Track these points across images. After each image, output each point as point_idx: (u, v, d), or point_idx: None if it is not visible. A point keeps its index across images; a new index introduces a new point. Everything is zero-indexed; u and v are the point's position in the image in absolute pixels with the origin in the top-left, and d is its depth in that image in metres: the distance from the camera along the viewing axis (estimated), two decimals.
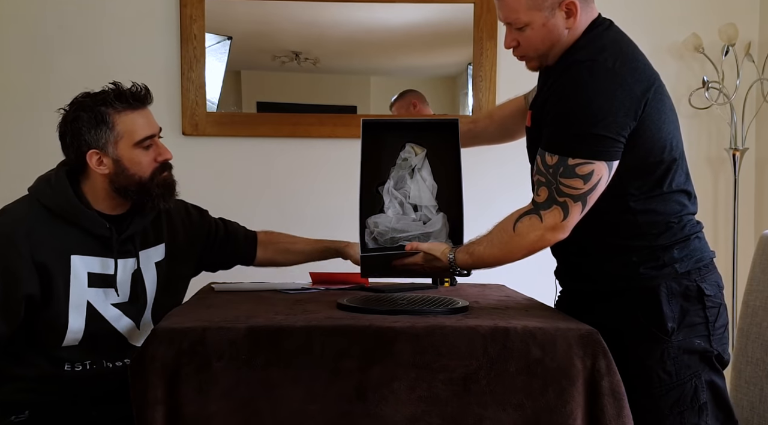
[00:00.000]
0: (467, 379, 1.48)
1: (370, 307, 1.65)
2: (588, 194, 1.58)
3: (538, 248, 1.64)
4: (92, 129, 1.74)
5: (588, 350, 1.49)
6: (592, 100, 1.56)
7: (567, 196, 1.58)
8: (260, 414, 1.46)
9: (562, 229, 1.60)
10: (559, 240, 1.63)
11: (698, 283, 1.64)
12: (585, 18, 1.65)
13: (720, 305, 1.66)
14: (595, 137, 1.55)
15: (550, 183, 1.60)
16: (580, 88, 1.57)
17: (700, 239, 1.69)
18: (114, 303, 1.82)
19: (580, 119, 1.56)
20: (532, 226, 1.62)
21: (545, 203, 1.61)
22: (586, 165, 1.56)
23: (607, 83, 1.56)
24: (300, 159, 2.96)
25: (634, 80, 1.58)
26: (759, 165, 3.11)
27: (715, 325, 1.64)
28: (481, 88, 2.95)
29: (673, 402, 1.61)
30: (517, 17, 1.64)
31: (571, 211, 1.59)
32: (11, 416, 1.75)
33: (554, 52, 1.67)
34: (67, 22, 2.87)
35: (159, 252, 1.92)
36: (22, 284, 1.69)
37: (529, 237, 1.62)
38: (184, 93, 2.88)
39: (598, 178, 1.57)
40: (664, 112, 1.63)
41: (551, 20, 1.62)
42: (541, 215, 1.61)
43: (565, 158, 1.57)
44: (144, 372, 1.46)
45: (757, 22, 3.08)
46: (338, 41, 2.94)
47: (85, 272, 1.77)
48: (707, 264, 1.67)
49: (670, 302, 1.62)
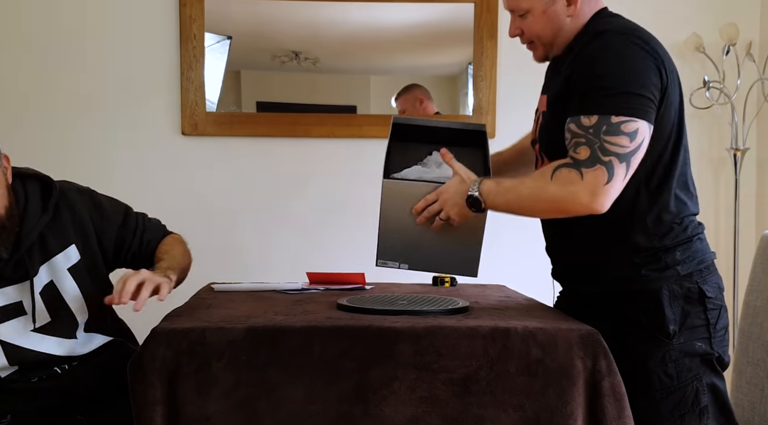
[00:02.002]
0: (467, 380, 1.48)
1: (370, 307, 1.65)
2: (633, 155, 1.50)
3: (567, 207, 1.53)
4: None
5: (589, 350, 1.49)
6: (627, 62, 1.53)
7: (612, 155, 1.48)
8: (260, 415, 1.46)
9: (603, 195, 1.49)
10: (594, 211, 1.51)
11: (699, 285, 1.63)
12: (588, 7, 1.66)
13: (721, 307, 1.66)
14: (636, 95, 1.51)
15: (592, 142, 1.50)
16: (613, 51, 1.56)
17: (701, 240, 1.68)
18: (35, 329, 1.71)
19: (619, 79, 1.52)
20: (570, 180, 1.51)
21: (587, 161, 1.50)
22: (631, 123, 1.49)
23: (637, 49, 1.56)
24: (300, 159, 2.96)
25: (657, 49, 1.59)
26: (760, 165, 3.10)
27: (716, 327, 1.64)
28: (481, 88, 2.95)
29: (674, 405, 1.60)
30: (518, 4, 1.66)
31: (617, 172, 1.49)
32: None
33: (559, 40, 1.67)
34: (67, 22, 2.86)
35: (69, 256, 1.76)
36: None
37: (564, 190, 1.51)
38: (184, 93, 2.88)
39: (642, 138, 1.50)
40: (675, 90, 1.61)
41: (552, 7, 1.64)
42: (582, 172, 1.50)
43: (607, 116, 1.49)
44: (143, 372, 1.46)
45: (757, 21, 3.08)
46: (338, 41, 2.94)
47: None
48: (708, 266, 1.66)
49: (671, 304, 1.61)
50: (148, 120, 2.91)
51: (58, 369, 1.75)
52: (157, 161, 2.92)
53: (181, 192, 2.91)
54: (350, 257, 2.88)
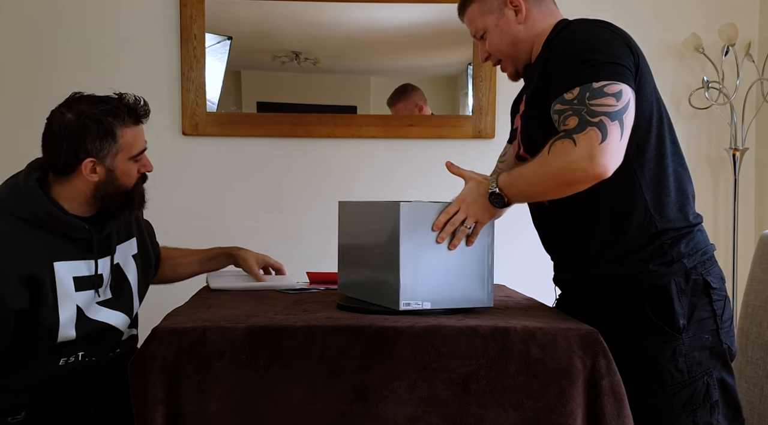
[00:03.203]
0: (467, 379, 1.48)
1: (370, 307, 1.65)
2: (623, 113, 1.48)
3: (573, 179, 1.50)
4: (97, 140, 1.76)
5: (588, 350, 1.49)
6: (598, 38, 1.58)
7: (601, 114, 1.47)
8: (260, 414, 1.46)
9: (601, 155, 1.45)
10: (597, 176, 1.48)
11: (704, 276, 1.63)
12: (541, 15, 1.72)
13: (725, 298, 1.66)
14: (612, 64, 1.53)
15: (578, 110, 1.49)
16: (582, 33, 1.61)
17: (702, 231, 1.68)
18: (100, 301, 1.83)
19: (593, 52, 1.54)
20: (564, 149, 1.49)
21: (577, 127, 1.48)
22: (613, 85, 1.50)
23: (605, 30, 1.61)
24: (300, 159, 2.96)
25: (625, 34, 1.63)
26: (759, 165, 3.11)
27: (723, 318, 1.63)
28: (481, 88, 2.95)
29: (685, 400, 1.60)
30: (476, 26, 1.78)
31: (610, 130, 1.46)
32: (8, 417, 1.74)
33: (521, 51, 1.74)
34: (67, 22, 2.87)
35: (132, 246, 1.96)
36: (8, 302, 1.67)
37: (561, 161, 1.49)
38: (184, 93, 2.88)
39: (628, 98, 1.50)
40: (647, 73, 1.63)
41: (502, 19, 1.73)
42: (574, 139, 1.48)
43: (587, 85, 1.50)
44: (144, 372, 1.46)
45: (757, 22, 3.08)
46: (338, 41, 2.94)
47: (71, 277, 1.76)
48: (710, 257, 1.66)
49: (680, 298, 1.60)
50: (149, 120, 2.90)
51: (97, 355, 1.83)
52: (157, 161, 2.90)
53: (182, 192, 2.92)
54: None
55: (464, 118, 2.98)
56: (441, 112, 3.02)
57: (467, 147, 2.98)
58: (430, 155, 2.98)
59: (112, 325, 1.85)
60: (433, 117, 2.99)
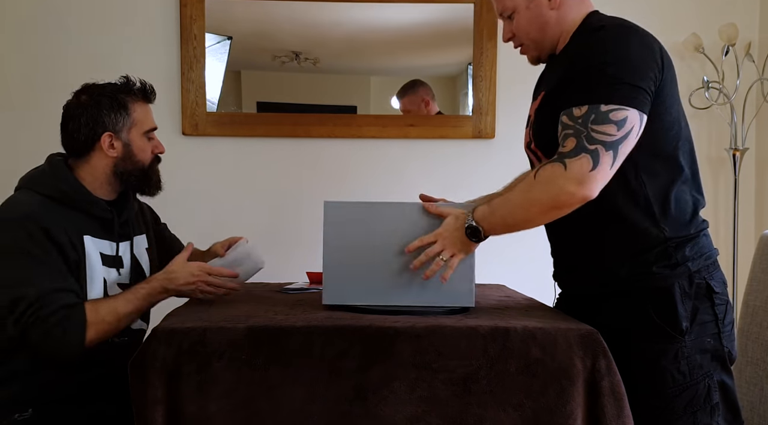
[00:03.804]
0: (467, 379, 1.48)
1: (370, 307, 1.65)
2: (620, 143, 1.50)
3: (559, 202, 1.53)
4: (112, 113, 1.86)
5: (588, 350, 1.49)
6: (623, 52, 1.55)
7: (598, 143, 1.49)
8: (260, 414, 1.46)
9: (590, 182, 1.49)
10: (584, 198, 1.51)
11: (707, 280, 1.63)
12: (574, 2, 1.68)
13: (727, 302, 1.66)
14: (628, 85, 1.51)
15: (579, 132, 1.51)
16: (609, 42, 1.57)
17: (707, 236, 1.69)
18: (120, 283, 1.90)
19: (612, 69, 1.53)
20: (553, 174, 1.52)
21: (572, 152, 1.51)
22: (620, 111, 1.50)
23: (635, 41, 1.58)
24: (300, 159, 2.96)
25: (655, 43, 1.61)
26: (759, 165, 3.11)
27: (724, 322, 1.63)
28: (481, 88, 2.95)
29: (686, 402, 1.60)
30: (503, 5, 1.72)
31: (602, 160, 1.49)
32: (15, 414, 1.76)
33: (548, 38, 1.70)
34: (67, 23, 2.87)
35: (144, 241, 2.04)
36: (66, 252, 1.75)
37: (550, 186, 1.52)
38: (184, 93, 2.88)
39: (631, 126, 1.50)
40: (674, 87, 1.63)
41: (534, 1, 1.68)
42: (566, 163, 1.51)
43: (596, 105, 1.51)
44: (144, 371, 1.46)
45: (757, 22, 3.08)
46: (338, 41, 2.94)
47: (98, 252, 1.84)
48: (714, 262, 1.67)
49: (683, 301, 1.60)
50: None
51: (117, 339, 1.86)
52: None
53: (181, 192, 2.91)
54: None
55: (464, 118, 2.98)
56: (442, 112, 3.02)
57: (467, 147, 2.99)
58: (431, 155, 2.98)
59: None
60: (433, 117, 2.99)
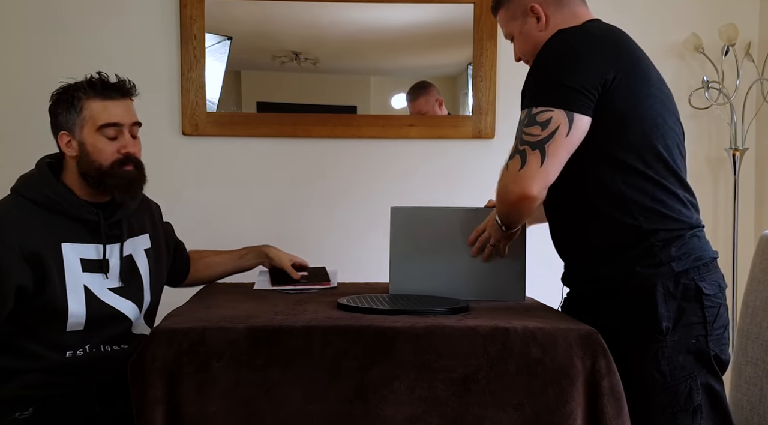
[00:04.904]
0: (467, 379, 1.48)
1: (370, 307, 1.65)
2: (546, 142, 1.58)
3: (507, 199, 1.65)
4: (64, 111, 1.85)
5: (588, 350, 1.49)
6: (560, 56, 1.63)
7: (526, 144, 1.60)
8: (260, 415, 1.46)
9: (521, 180, 1.59)
10: (523, 196, 1.60)
11: (696, 282, 1.63)
12: (563, 20, 1.74)
13: (720, 305, 1.65)
14: (557, 86, 1.60)
15: (517, 135, 1.64)
16: (552, 47, 1.66)
17: (699, 237, 1.68)
18: (111, 288, 1.86)
19: (548, 73, 1.63)
20: (502, 174, 1.65)
21: (511, 153, 1.64)
22: (545, 112, 1.59)
23: (581, 41, 1.65)
24: (300, 159, 2.96)
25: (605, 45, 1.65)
26: (759, 165, 3.11)
27: (714, 325, 1.63)
28: (481, 88, 2.95)
29: (665, 402, 1.60)
30: (506, 30, 1.87)
31: (529, 159, 1.59)
32: (15, 413, 1.76)
33: None
34: (66, 23, 2.87)
35: (145, 241, 1.99)
36: (10, 276, 1.72)
37: (499, 184, 1.66)
38: (184, 93, 2.88)
39: (556, 125, 1.58)
40: (643, 83, 1.65)
41: (525, 27, 1.79)
42: (507, 164, 1.64)
43: (530, 109, 1.62)
44: (144, 372, 1.46)
45: (757, 22, 3.08)
46: (338, 41, 2.94)
47: (78, 259, 1.81)
48: (707, 263, 1.66)
49: (666, 301, 1.61)
50: (149, 120, 2.87)
51: (107, 346, 1.86)
52: (157, 161, 2.91)
53: (181, 192, 2.92)
54: (351, 256, 2.89)
55: (464, 118, 2.98)
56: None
57: (467, 147, 2.98)
58: (431, 155, 2.98)
59: (122, 312, 1.87)
60: (433, 117, 2.99)
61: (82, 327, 1.81)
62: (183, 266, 2.21)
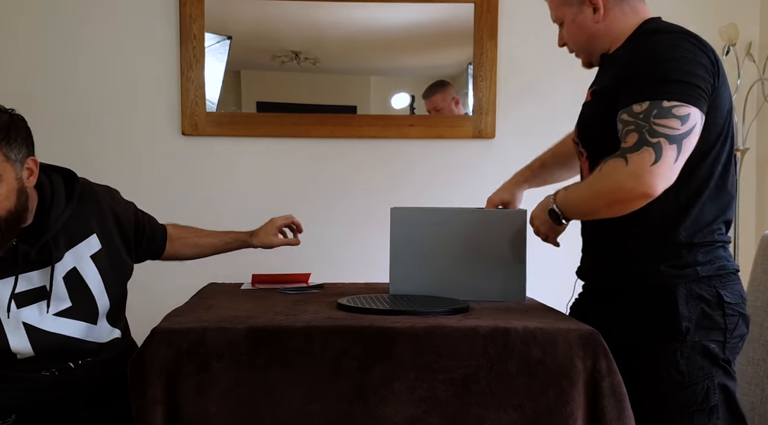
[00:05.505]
0: (467, 380, 1.48)
1: (370, 307, 1.65)
2: (684, 138, 1.48)
3: (618, 197, 1.52)
4: None
5: (588, 350, 1.49)
6: (680, 53, 1.55)
7: (661, 136, 1.47)
8: (260, 415, 1.46)
9: (650, 176, 1.46)
10: (644, 194, 1.49)
11: (718, 289, 1.61)
12: (623, 14, 1.70)
13: (740, 315, 1.64)
14: (688, 84, 1.52)
15: (640, 127, 1.50)
16: (667, 43, 1.59)
17: (725, 249, 1.67)
18: (57, 312, 1.77)
19: (672, 67, 1.53)
20: (615, 168, 1.51)
21: (633, 147, 1.49)
22: (683, 107, 1.49)
23: (691, 44, 1.58)
24: (300, 159, 2.96)
25: (710, 49, 1.61)
26: (760, 165, 3.10)
27: (733, 333, 1.62)
28: (481, 88, 2.95)
29: (682, 402, 1.59)
30: (555, 14, 1.79)
31: (665, 153, 1.46)
32: None
33: (596, 47, 1.74)
34: (66, 23, 2.86)
35: (90, 245, 1.83)
36: None
37: (610, 179, 1.52)
38: (184, 93, 2.88)
39: (694, 123, 1.50)
40: (726, 96, 1.62)
41: (580, 15, 1.72)
42: (627, 158, 1.49)
43: (658, 101, 1.50)
44: (143, 372, 1.46)
45: (757, 22, 3.08)
46: (338, 41, 2.94)
47: (8, 296, 1.71)
48: (730, 273, 1.64)
49: (688, 302, 1.59)
50: (148, 120, 2.91)
51: (72, 363, 1.79)
52: (157, 161, 2.92)
53: (181, 192, 2.91)
54: (351, 256, 2.89)
55: (464, 118, 2.98)
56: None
57: (467, 147, 2.98)
58: (431, 155, 2.98)
59: (70, 336, 1.78)
60: (433, 117, 2.98)
61: (33, 355, 1.74)
62: (156, 243, 2.08)
